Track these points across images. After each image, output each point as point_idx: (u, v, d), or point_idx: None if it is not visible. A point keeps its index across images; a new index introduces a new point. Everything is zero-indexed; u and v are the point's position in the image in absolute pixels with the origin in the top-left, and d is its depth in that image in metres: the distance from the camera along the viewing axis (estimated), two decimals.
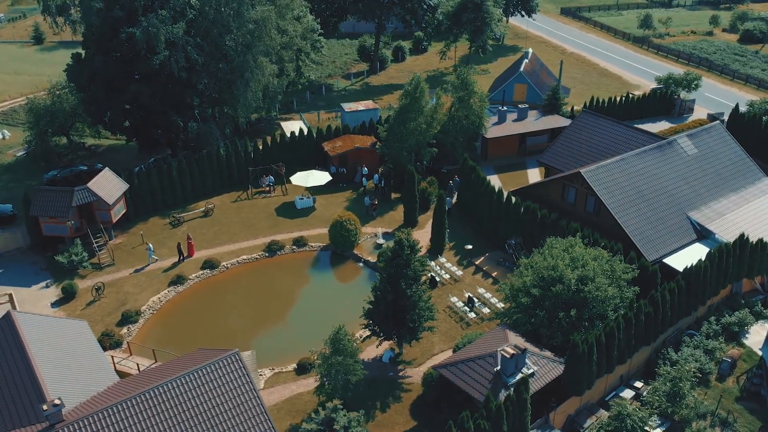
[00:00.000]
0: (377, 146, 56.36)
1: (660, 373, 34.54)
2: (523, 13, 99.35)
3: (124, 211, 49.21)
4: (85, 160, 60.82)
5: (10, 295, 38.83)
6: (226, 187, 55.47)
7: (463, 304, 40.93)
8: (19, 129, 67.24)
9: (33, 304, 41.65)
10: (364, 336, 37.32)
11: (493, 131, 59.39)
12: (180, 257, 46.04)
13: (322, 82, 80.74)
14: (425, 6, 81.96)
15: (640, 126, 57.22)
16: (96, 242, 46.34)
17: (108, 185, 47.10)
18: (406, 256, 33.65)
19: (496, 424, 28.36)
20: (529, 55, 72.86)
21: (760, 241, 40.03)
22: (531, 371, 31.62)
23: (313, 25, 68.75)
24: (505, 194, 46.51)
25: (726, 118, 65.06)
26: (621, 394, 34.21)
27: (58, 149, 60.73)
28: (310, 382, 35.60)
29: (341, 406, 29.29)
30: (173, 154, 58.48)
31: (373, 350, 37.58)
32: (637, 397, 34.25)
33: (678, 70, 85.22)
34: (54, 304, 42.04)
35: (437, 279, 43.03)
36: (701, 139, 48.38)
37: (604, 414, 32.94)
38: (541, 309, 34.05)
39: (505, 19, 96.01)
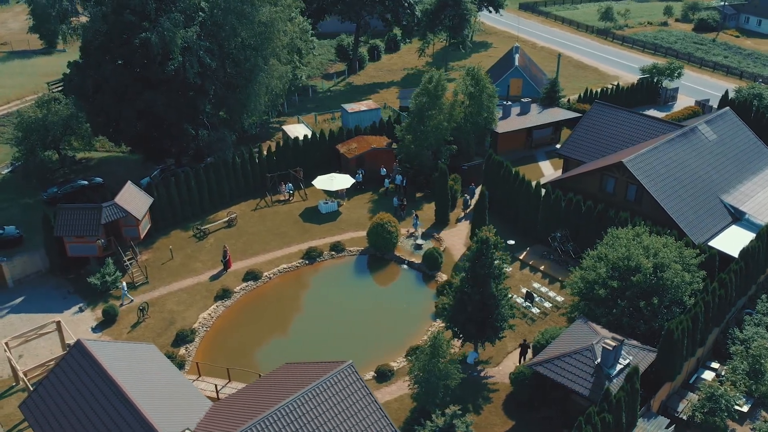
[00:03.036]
0: (393, 146, 55.77)
1: (733, 353, 35.65)
2: (490, 9, 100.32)
3: (149, 225, 46.75)
4: (80, 174, 57.57)
5: (59, 323, 36.19)
6: (242, 195, 53.57)
7: (522, 300, 40.94)
8: None
9: (72, 330, 38.92)
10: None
11: (501, 126, 59.75)
12: (224, 266, 44.28)
13: (308, 84, 79.21)
14: (406, 4, 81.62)
15: None
16: (127, 260, 43.89)
17: (134, 199, 44.63)
18: (491, 254, 33.32)
19: (617, 416, 28.50)
20: (519, 49, 73.70)
21: None
22: (627, 361, 31.94)
23: (306, 26, 67.32)
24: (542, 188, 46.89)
25: (712, 104, 67.99)
26: (702, 376, 35.02)
27: (51, 165, 57.12)
28: (392, 390, 34.79)
29: (460, 411, 28.70)
30: (178, 163, 56.04)
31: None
32: (717, 377, 35.12)
33: (647, 60, 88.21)
34: (95, 329, 39.54)
35: None
36: (717, 125, 50.15)
37: (693, 397, 33.64)
38: (622, 299, 34.41)
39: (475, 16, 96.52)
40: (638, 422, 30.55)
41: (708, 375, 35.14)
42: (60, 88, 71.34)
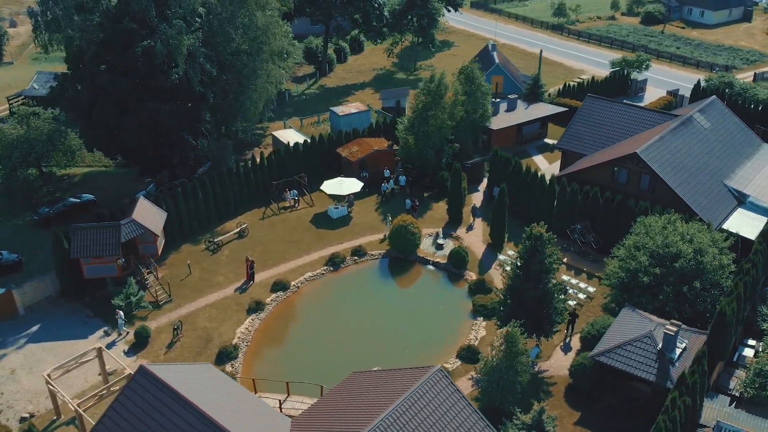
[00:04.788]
0: (394, 147, 55.63)
1: (766, 330, 37.35)
2: (449, 8, 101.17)
3: (163, 241, 44.93)
4: (66, 192, 54.72)
5: (100, 350, 34.25)
6: (246, 204, 52.14)
7: None
8: None
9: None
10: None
11: (494, 122, 60.50)
12: (249, 278, 43.11)
13: (284, 88, 77.89)
14: (375, 5, 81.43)
15: None
16: (147, 277, 42.09)
17: (151, 215, 42.82)
18: (546, 250, 33.73)
19: (693, 398, 29.41)
20: (495, 47, 74.77)
21: None
22: (684, 344, 33.03)
23: (287, 29, 66.08)
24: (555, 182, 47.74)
25: (682, 93, 70.88)
26: (743, 353, 36.53)
27: (34, 183, 54.11)
28: None
29: (547, 406, 28.94)
30: (172, 176, 53.98)
31: None
32: (756, 353, 36.71)
33: (606, 53, 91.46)
34: (129, 352, 37.73)
35: None
36: (709, 114, 52.38)
37: (740, 373, 35.03)
38: (666, 285, 35.52)
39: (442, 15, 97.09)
40: (704, 402, 31.60)
41: (748, 352, 36.68)
42: (21, 102, 67.72)
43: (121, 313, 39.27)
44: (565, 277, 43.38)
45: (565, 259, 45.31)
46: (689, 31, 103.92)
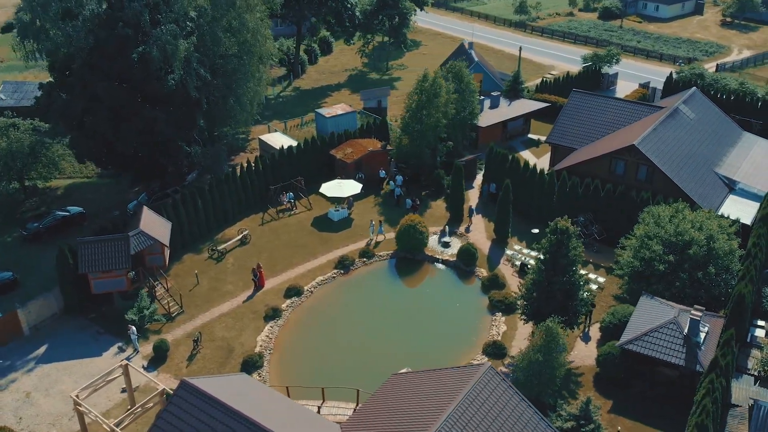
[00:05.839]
0: (388, 147, 55.63)
1: None
2: (415, 9, 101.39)
3: (169, 251, 43.82)
4: (52, 205, 52.77)
5: (126, 366, 33.12)
6: (243, 210, 51.32)
7: None
8: None
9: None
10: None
11: (481, 119, 61.16)
12: (256, 286, 42.48)
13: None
14: (348, 5, 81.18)
15: None
16: (157, 288, 41.02)
17: (157, 225, 41.77)
18: (570, 243, 34.34)
19: (727, 379, 30.45)
20: (473, 45, 75.46)
21: None
22: (707, 328, 34.16)
23: (268, 32, 65.27)
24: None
25: (652, 85, 73.12)
26: (755, 334, 37.95)
27: (18, 197, 52.08)
28: None
29: (592, 396, 29.47)
30: (164, 184, 52.63)
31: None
32: (767, 333, 38.23)
33: (572, 49, 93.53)
34: (148, 367, 36.66)
35: (528, 266, 43.94)
36: (693, 105, 54.19)
37: (756, 353, 36.38)
38: (682, 272, 36.65)
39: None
40: (732, 383, 32.74)
41: (759, 332, 38.13)
42: None
43: (134, 328, 38.11)
44: None
45: None
46: (646, 25, 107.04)
